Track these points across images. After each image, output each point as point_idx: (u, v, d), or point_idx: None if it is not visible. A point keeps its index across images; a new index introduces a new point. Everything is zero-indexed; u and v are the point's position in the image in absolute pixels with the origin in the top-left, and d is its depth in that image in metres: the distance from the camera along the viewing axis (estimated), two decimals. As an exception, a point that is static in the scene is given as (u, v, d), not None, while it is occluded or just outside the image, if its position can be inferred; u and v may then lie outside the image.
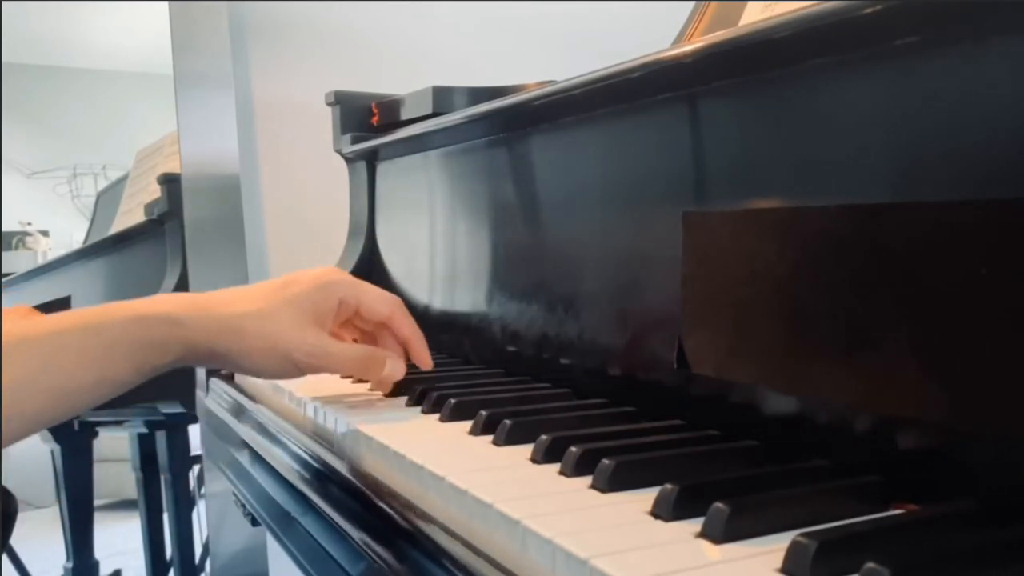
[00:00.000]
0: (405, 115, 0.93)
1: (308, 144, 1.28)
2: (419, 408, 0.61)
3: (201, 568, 1.66)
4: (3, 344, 0.50)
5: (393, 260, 0.95)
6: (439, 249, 0.85)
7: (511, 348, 0.71)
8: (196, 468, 1.66)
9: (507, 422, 0.51)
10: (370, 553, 0.47)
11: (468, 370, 0.75)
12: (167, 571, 1.71)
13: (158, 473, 1.61)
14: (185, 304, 0.56)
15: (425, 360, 0.65)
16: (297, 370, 0.59)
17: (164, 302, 0.56)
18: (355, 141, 0.97)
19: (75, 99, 4.83)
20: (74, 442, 1.71)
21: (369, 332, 0.66)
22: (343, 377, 0.73)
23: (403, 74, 1.12)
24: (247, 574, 1.36)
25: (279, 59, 1.34)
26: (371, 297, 0.62)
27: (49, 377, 0.51)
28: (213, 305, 0.57)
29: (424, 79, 0.89)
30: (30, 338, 0.51)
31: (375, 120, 0.99)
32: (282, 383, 0.69)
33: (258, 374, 0.60)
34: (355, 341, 0.67)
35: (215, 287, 0.61)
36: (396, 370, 0.60)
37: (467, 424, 0.55)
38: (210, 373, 0.88)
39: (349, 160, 1.02)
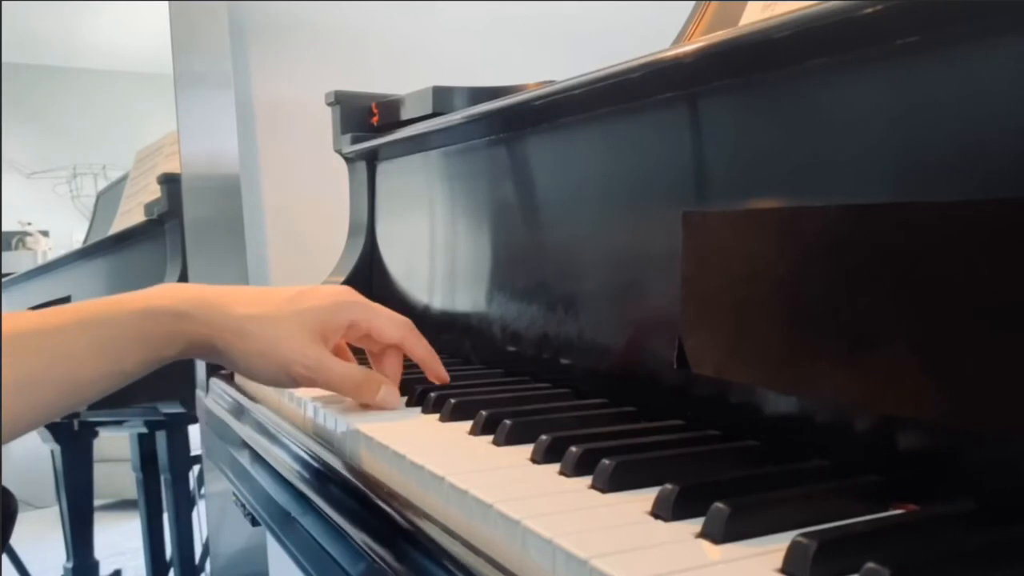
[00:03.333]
0: (405, 115, 0.93)
1: (308, 144, 1.28)
2: (419, 408, 0.61)
3: (201, 568, 1.66)
4: (16, 335, 0.51)
5: (393, 260, 0.94)
6: (439, 249, 0.85)
7: (511, 348, 0.71)
8: (196, 468, 1.66)
9: (507, 422, 0.51)
10: (370, 553, 0.47)
11: (468, 370, 0.75)
12: (167, 571, 1.71)
13: (158, 473, 1.61)
14: (193, 298, 0.57)
15: (442, 376, 0.65)
16: (292, 381, 0.59)
17: (173, 296, 0.57)
18: (355, 141, 0.97)
19: (75, 99, 4.83)
20: (74, 442, 1.70)
21: (376, 353, 0.65)
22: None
23: (403, 74, 1.12)
24: (247, 574, 1.36)
25: (279, 59, 1.34)
26: (383, 321, 0.62)
27: (61, 369, 0.52)
28: (222, 302, 0.57)
29: (424, 79, 0.89)
30: (43, 330, 0.52)
31: (375, 120, 0.99)
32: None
33: (253, 377, 0.60)
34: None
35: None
36: (390, 398, 0.60)
37: (467, 424, 0.55)
38: (210, 373, 0.88)
39: (349, 160, 1.02)
